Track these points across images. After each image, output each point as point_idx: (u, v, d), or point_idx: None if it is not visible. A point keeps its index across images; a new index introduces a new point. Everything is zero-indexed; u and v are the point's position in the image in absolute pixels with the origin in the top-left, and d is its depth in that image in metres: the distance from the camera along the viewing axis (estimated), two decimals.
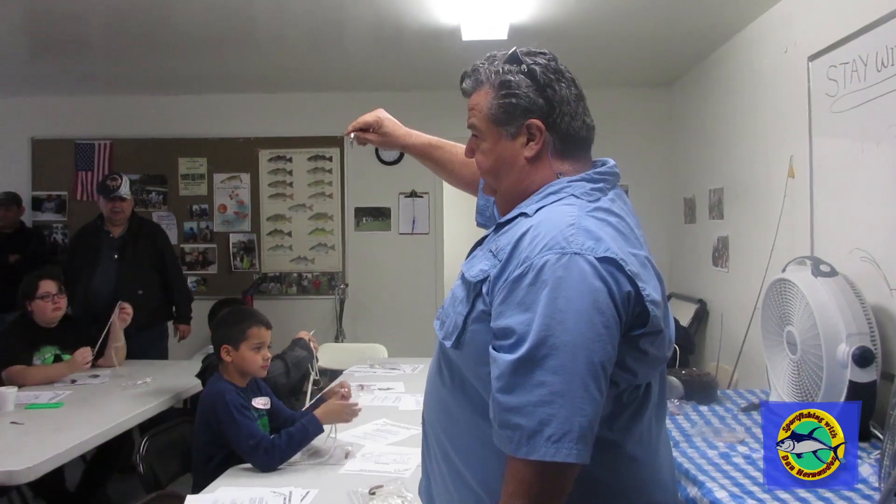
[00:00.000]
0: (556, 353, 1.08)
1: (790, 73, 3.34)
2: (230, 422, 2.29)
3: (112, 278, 4.20)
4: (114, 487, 3.66)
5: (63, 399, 3.05)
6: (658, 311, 1.16)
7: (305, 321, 5.72)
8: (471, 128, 1.35)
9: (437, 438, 1.32)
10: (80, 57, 4.73)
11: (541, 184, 1.28)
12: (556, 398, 1.07)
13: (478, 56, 1.39)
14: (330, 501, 1.94)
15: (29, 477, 2.29)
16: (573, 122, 1.28)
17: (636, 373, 1.18)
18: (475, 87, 1.34)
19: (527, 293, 1.12)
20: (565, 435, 1.07)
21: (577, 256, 1.11)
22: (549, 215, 1.20)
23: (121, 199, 4.24)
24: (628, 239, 1.20)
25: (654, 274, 1.20)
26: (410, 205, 5.93)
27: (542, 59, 1.30)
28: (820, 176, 3.05)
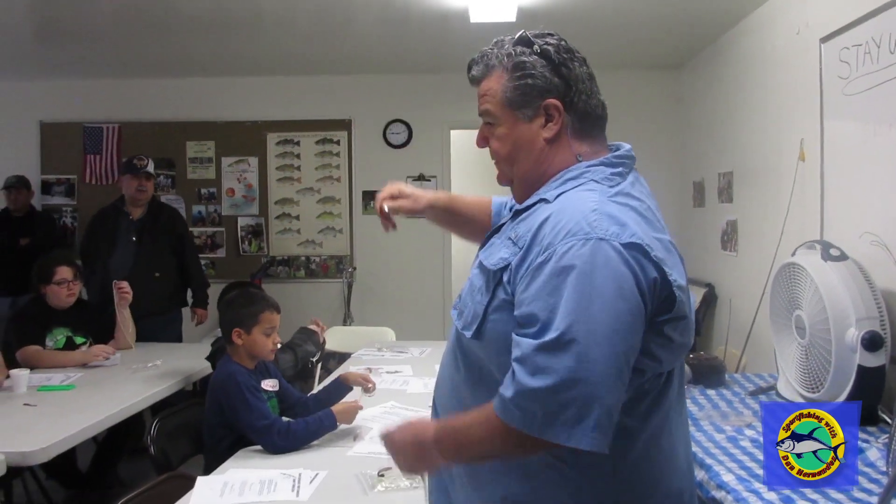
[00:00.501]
0: (581, 340, 1.07)
1: (802, 55, 3.30)
2: (242, 403, 2.30)
3: (129, 261, 4.20)
4: (125, 468, 3.71)
5: (74, 381, 3.08)
6: (683, 297, 1.15)
7: (314, 304, 5.76)
8: (483, 115, 1.33)
9: None
10: (88, 41, 4.73)
11: (560, 166, 1.26)
12: (578, 384, 1.07)
13: (486, 38, 1.38)
14: (338, 483, 1.96)
15: (41, 458, 2.32)
16: (590, 101, 1.27)
17: (661, 360, 1.16)
18: (486, 73, 1.31)
19: (551, 280, 1.10)
20: (582, 421, 1.07)
21: (602, 242, 1.10)
22: (571, 201, 1.18)
23: (147, 177, 4.25)
24: (651, 223, 1.18)
25: (678, 258, 1.19)
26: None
27: (553, 40, 1.28)
28: (831, 159, 3.03)
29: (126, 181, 4.30)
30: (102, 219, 4.39)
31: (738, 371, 3.48)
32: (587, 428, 1.07)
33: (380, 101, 5.88)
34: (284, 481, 1.95)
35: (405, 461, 1.32)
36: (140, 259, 4.22)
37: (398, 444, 1.32)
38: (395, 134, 5.91)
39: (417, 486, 1.90)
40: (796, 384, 2.42)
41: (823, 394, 2.26)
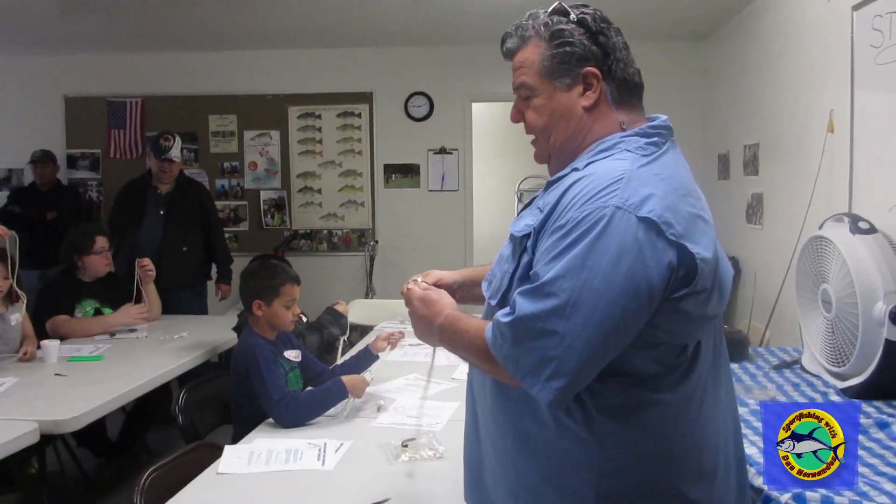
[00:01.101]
0: (563, 297, 1.08)
1: (833, 24, 3.22)
2: (258, 376, 2.33)
3: (158, 235, 4.25)
4: (154, 437, 3.79)
5: (103, 352, 3.14)
6: (706, 269, 1.12)
7: (336, 278, 5.80)
8: (519, 88, 1.30)
9: (484, 401, 1.32)
10: (111, 14, 4.74)
11: (602, 133, 1.25)
12: (545, 335, 1.09)
13: (508, 9, 1.36)
14: (363, 453, 1.99)
15: (73, 426, 2.38)
16: (627, 69, 1.27)
17: (677, 333, 1.15)
18: (522, 44, 1.29)
19: (560, 242, 1.12)
20: (539, 371, 1.11)
21: (618, 210, 1.09)
22: (599, 169, 1.17)
23: (170, 161, 4.28)
24: (683, 196, 1.17)
25: (708, 230, 1.17)
26: (440, 161, 5.91)
27: (589, 10, 1.27)
28: (861, 130, 2.96)
29: (151, 159, 4.34)
30: (130, 191, 4.43)
31: (762, 345, 3.46)
32: (541, 378, 1.10)
33: (401, 74, 5.85)
34: (310, 450, 1.99)
35: (415, 326, 1.41)
36: (168, 233, 4.27)
37: (414, 309, 1.40)
38: (417, 107, 5.89)
39: (440, 455, 1.92)
40: (821, 358, 2.40)
41: (849, 368, 2.24)
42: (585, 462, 1.16)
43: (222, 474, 1.87)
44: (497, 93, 5.98)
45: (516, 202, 7.56)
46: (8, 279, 3.10)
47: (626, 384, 1.15)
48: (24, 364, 2.93)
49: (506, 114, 4.26)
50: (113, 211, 4.57)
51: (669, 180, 1.17)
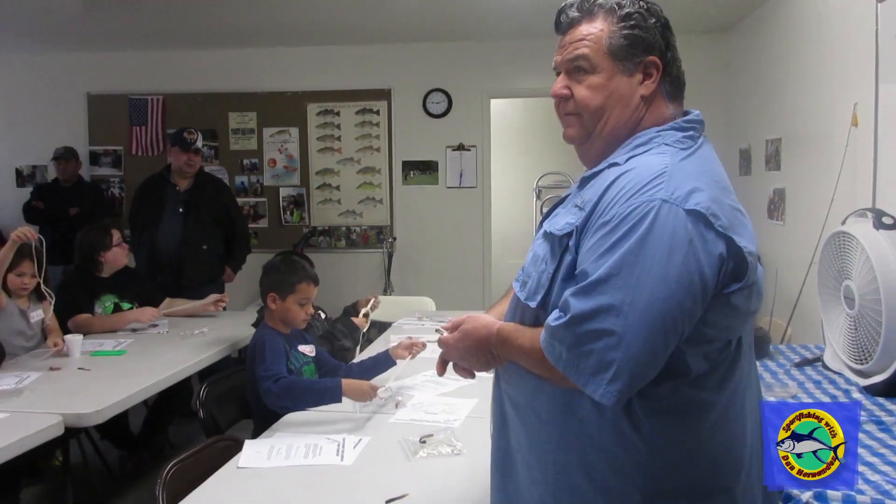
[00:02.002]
0: (617, 296, 1.06)
1: (857, 16, 3.17)
2: (260, 358, 2.36)
3: (178, 232, 4.29)
4: (175, 431, 3.83)
5: (126, 347, 3.18)
6: (753, 262, 1.12)
7: (354, 274, 5.82)
8: (574, 61, 1.24)
9: (519, 401, 1.28)
10: (133, 12, 4.78)
11: (652, 124, 1.23)
12: (602, 336, 1.07)
13: (526, 5, 1.35)
14: (382, 449, 1.99)
15: (96, 420, 2.41)
16: (680, 66, 1.27)
17: (727, 328, 1.14)
18: (587, 16, 1.24)
19: (607, 238, 1.09)
20: (600, 373, 1.08)
21: (665, 204, 1.08)
22: (641, 163, 1.15)
23: (196, 152, 4.32)
24: (723, 189, 1.16)
25: (747, 224, 1.16)
26: (458, 158, 5.90)
27: (653, 1, 1.26)
28: (885, 124, 2.92)
29: (175, 153, 4.36)
30: (149, 188, 4.47)
31: (784, 342, 3.42)
32: (603, 381, 1.07)
33: (419, 71, 5.85)
34: (329, 446, 2.00)
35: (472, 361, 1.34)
36: (188, 231, 4.30)
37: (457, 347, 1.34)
38: (435, 103, 5.88)
39: (458, 452, 1.93)
40: (844, 356, 2.37)
41: (872, 365, 2.21)
42: (632, 462, 1.14)
43: (243, 468, 1.89)
44: (515, 89, 5.99)
45: (534, 199, 7.53)
46: (35, 277, 3.15)
47: (674, 384, 1.13)
48: (48, 360, 2.97)
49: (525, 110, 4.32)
50: (133, 206, 4.61)
51: (710, 174, 1.16)
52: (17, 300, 3.18)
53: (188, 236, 4.29)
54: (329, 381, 2.36)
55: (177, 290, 4.08)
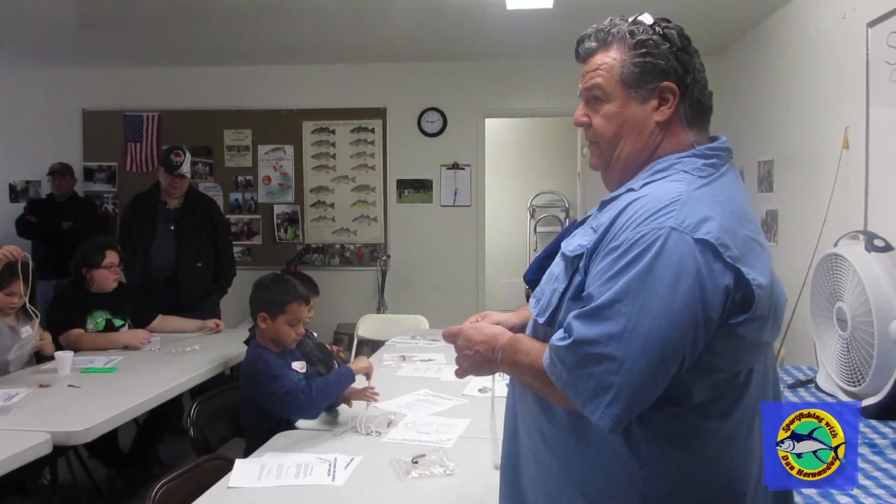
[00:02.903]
0: (621, 321, 1.07)
1: (848, 41, 3.21)
2: (269, 376, 2.36)
3: (171, 251, 4.27)
4: (165, 449, 3.79)
5: (116, 364, 3.15)
6: (763, 295, 1.10)
7: (348, 292, 5.81)
8: (590, 90, 1.27)
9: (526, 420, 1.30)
10: (129, 30, 4.81)
11: (670, 150, 1.23)
12: (603, 360, 1.08)
13: (523, 25, 1.38)
14: (373, 469, 1.98)
15: (85, 438, 2.38)
16: (703, 91, 1.26)
17: (733, 359, 1.14)
18: (602, 47, 1.26)
19: (615, 263, 1.10)
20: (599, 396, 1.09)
21: (674, 232, 1.08)
22: (655, 190, 1.16)
23: (181, 177, 4.30)
24: (740, 219, 1.15)
25: (763, 255, 1.15)
26: (452, 177, 5.92)
27: (674, 26, 1.26)
28: (876, 147, 2.95)
29: (161, 173, 4.35)
30: (139, 205, 4.47)
31: (777, 363, 3.42)
32: (601, 404, 1.08)
33: (414, 90, 5.88)
34: (320, 466, 1.98)
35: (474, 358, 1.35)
36: (182, 249, 4.28)
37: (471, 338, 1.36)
38: (430, 122, 5.91)
39: (451, 472, 1.91)
40: (837, 378, 2.38)
41: (865, 388, 2.21)
42: (629, 485, 1.14)
43: (233, 488, 1.87)
44: (510, 108, 6.02)
45: (528, 218, 7.56)
46: (23, 297, 3.13)
47: (676, 411, 1.13)
48: (38, 375, 2.94)
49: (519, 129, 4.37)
50: (123, 223, 4.61)
51: (727, 203, 1.15)
52: (4, 318, 3.16)
53: (182, 254, 4.27)
54: (340, 369, 2.46)
55: (173, 306, 4.06)
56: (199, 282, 4.30)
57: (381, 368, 3.14)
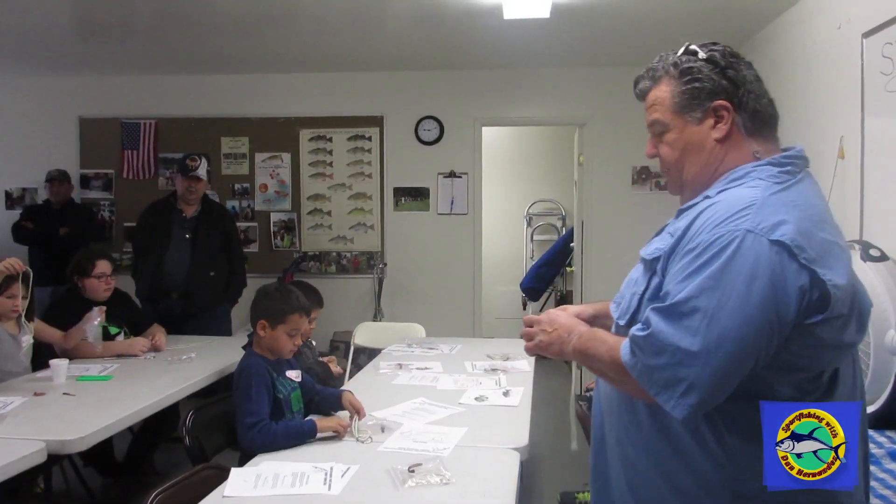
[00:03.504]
0: (697, 316, 1.12)
1: (843, 51, 3.23)
2: (245, 396, 2.32)
3: (186, 259, 4.26)
4: (160, 458, 3.78)
5: (112, 372, 3.14)
6: (840, 295, 1.14)
7: (344, 300, 5.80)
8: (652, 125, 1.37)
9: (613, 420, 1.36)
10: (125, 37, 4.82)
11: (733, 164, 1.29)
12: (678, 353, 1.13)
13: (519, 34, 1.42)
14: (369, 478, 1.97)
15: (80, 446, 2.37)
16: (760, 100, 1.32)
17: (814, 359, 1.17)
18: (653, 84, 1.36)
19: (692, 264, 1.16)
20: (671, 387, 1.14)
21: (749, 234, 1.13)
22: (731, 195, 1.22)
23: (196, 179, 4.30)
24: (818, 223, 1.19)
25: (843, 257, 1.19)
26: (449, 185, 5.93)
27: (718, 47, 1.33)
28: (871, 157, 2.96)
29: (178, 179, 4.37)
30: (155, 212, 4.45)
31: None
32: (675, 394, 1.14)
33: (412, 98, 5.90)
34: (316, 474, 1.97)
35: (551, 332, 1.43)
36: (196, 258, 4.28)
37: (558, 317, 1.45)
38: (427, 130, 5.92)
39: (447, 482, 1.91)
40: None
41: None
42: (721, 483, 1.19)
43: (228, 497, 1.86)
44: (506, 117, 6.04)
45: (525, 226, 7.57)
46: (26, 298, 3.13)
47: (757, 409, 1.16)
48: (33, 384, 2.93)
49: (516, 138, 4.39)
50: (138, 230, 4.58)
51: (804, 207, 1.19)
52: (6, 324, 3.15)
53: (196, 263, 4.26)
54: (306, 422, 2.33)
55: (183, 316, 4.05)
56: (211, 291, 4.29)
57: (378, 377, 3.14)
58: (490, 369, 3.19)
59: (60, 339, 3.35)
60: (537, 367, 3.23)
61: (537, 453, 3.87)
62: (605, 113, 5.58)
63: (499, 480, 1.94)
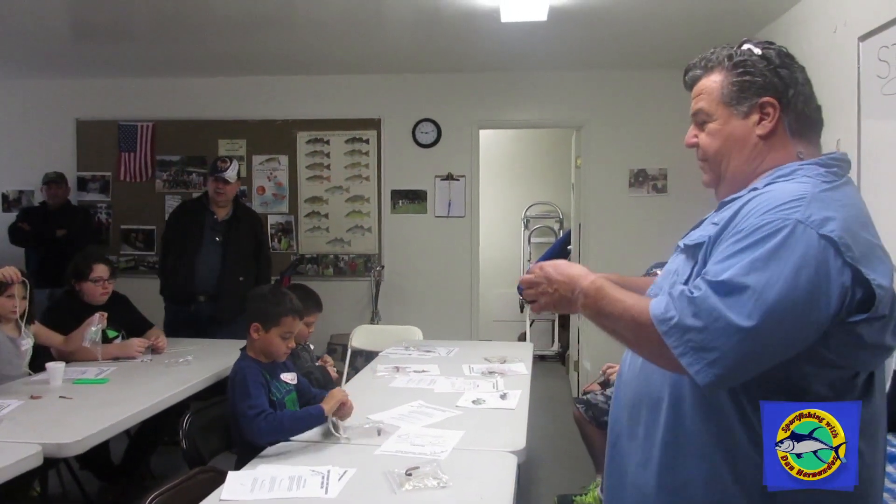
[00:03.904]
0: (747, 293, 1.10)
1: (839, 54, 3.24)
2: (243, 392, 2.33)
3: (216, 262, 4.24)
4: (157, 461, 3.77)
5: (108, 375, 3.14)
6: (884, 295, 1.13)
7: (341, 303, 5.80)
8: (696, 114, 1.36)
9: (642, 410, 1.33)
10: (122, 40, 4.81)
11: (776, 163, 1.28)
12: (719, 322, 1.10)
13: (517, 37, 1.41)
14: (367, 481, 1.97)
15: (77, 450, 2.36)
16: (808, 103, 1.31)
17: (849, 356, 1.16)
18: (705, 73, 1.35)
19: (738, 243, 1.14)
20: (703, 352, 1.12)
21: (800, 224, 1.12)
22: (780, 187, 1.21)
23: (224, 182, 4.28)
24: (863, 224, 1.20)
25: (886, 260, 1.19)
26: (446, 188, 5.93)
27: (775, 46, 1.32)
28: (868, 160, 2.97)
29: (209, 181, 4.36)
30: (186, 213, 4.44)
31: None
32: (704, 360, 1.12)
33: (409, 101, 5.90)
34: (313, 478, 1.97)
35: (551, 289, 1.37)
36: (227, 262, 4.25)
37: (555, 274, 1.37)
38: (425, 133, 5.92)
39: (444, 485, 1.91)
40: None
41: None
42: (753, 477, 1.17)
43: (225, 501, 1.86)
44: (504, 120, 6.04)
45: (522, 229, 7.57)
46: (25, 299, 3.13)
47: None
48: (29, 387, 2.92)
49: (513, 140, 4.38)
50: (167, 230, 4.57)
51: (850, 208, 1.19)
52: (4, 327, 3.14)
53: (227, 267, 4.23)
54: (312, 408, 2.34)
55: (210, 321, 4.02)
56: (240, 296, 4.24)
57: (375, 379, 3.13)
58: (487, 372, 3.19)
59: (61, 344, 3.34)
60: (534, 370, 3.23)
61: (534, 456, 3.86)
62: (602, 116, 5.58)
63: (496, 484, 1.94)
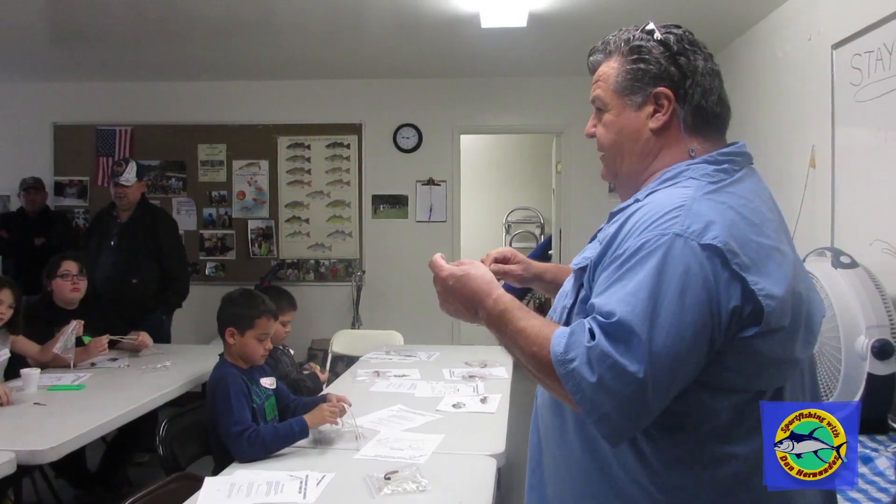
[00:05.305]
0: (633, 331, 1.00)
1: (813, 62, 3.29)
2: (225, 406, 2.29)
3: (109, 264, 4.17)
4: (134, 468, 3.73)
5: (84, 381, 3.10)
6: (777, 306, 1.03)
7: (322, 307, 5.78)
8: (594, 101, 1.26)
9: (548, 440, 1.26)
10: (100, 44, 4.77)
11: (668, 161, 1.18)
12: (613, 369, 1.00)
13: (497, 43, 1.39)
14: (345, 485, 1.96)
15: (51, 457, 2.32)
16: (708, 96, 1.19)
17: (750, 375, 1.07)
18: (605, 57, 1.24)
19: (618, 270, 1.05)
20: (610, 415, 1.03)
21: (678, 238, 1.02)
22: (660, 197, 1.10)
23: (121, 186, 4.19)
24: (755, 226, 1.08)
25: (784, 264, 1.08)
26: (428, 192, 5.94)
27: (678, 31, 1.21)
28: (842, 166, 3.01)
29: (111, 185, 4.29)
30: (96, 220, 4.45)
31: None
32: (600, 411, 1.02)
33: (390, 106, 5.90)
34: (291, 483, 1.96)
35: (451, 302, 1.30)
36: (117, 263, 4.16)
37: (455, 287, 1.28)
38: (406, 138, 5.93)
39: (423, 489, 1.90)
40: None
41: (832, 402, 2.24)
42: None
43: None
44: (485, 125, 6.07)
45: (504, 233, 7.59)
46: (12, 307, 3.09)
47: (695, 436, 1.08)
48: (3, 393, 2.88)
49: (494, 146, 4.41)
50: (83, 238, 4.56)
51: (739, 209, 1.09)
52: None
53: (116, 269, 4.15)
54: (294, 421, 2.30)
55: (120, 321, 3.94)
56: (134, 300, 4.13)
57: (355, 384, 3.12)
58: (468, 376, 3.19)
59: (37, 353, 3.28)
60: (515, 374, 3.24)
61: (514, 460, 3.86)
62: (582, 121, 5.51)
63: (475, 487, 1.94)
